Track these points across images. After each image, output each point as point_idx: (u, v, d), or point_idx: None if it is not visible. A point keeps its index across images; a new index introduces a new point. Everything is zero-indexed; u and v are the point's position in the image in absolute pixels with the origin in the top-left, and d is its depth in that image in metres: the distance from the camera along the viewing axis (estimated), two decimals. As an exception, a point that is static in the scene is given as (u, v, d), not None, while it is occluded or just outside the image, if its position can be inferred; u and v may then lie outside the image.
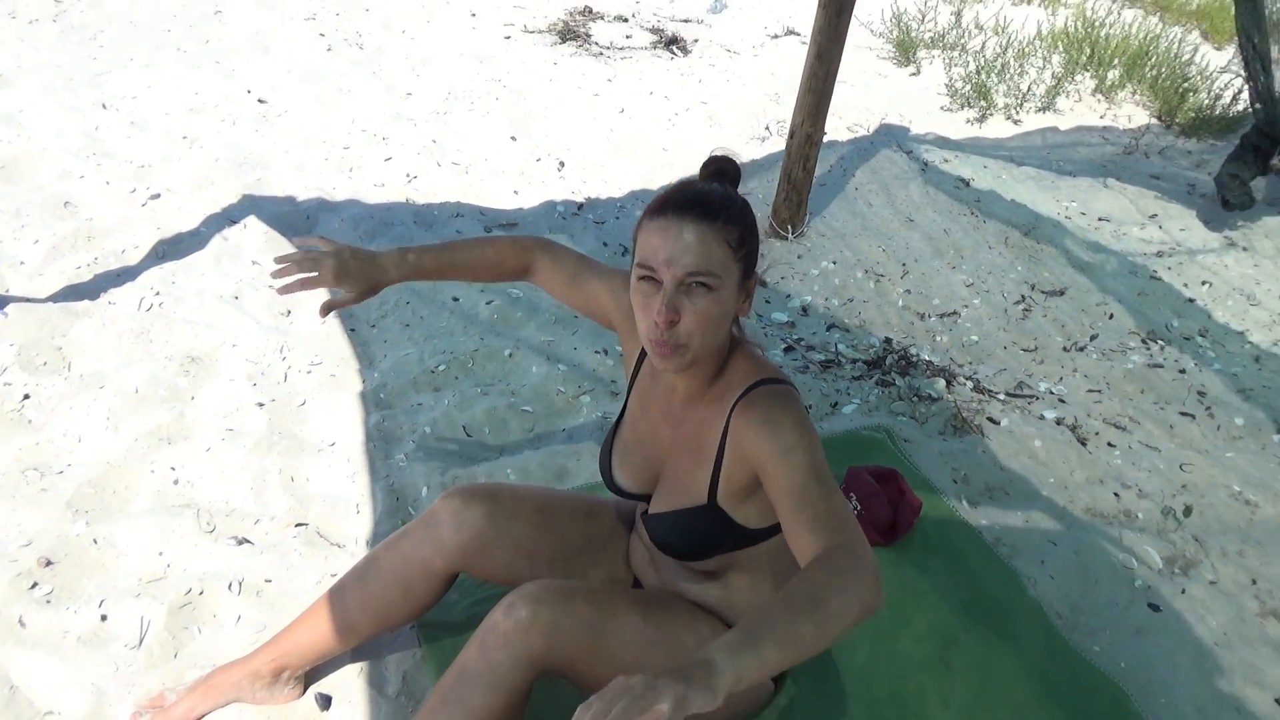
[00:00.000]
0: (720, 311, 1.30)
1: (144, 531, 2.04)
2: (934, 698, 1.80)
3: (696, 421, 1.45)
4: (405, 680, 1.77)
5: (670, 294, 1.26)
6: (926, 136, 4.72)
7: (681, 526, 1.47)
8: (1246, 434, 2.75)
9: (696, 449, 1.44)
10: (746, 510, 1.43)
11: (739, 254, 1.30)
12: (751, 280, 1.36)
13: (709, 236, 1.26)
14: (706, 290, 1.27)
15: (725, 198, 1.32)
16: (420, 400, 2.56)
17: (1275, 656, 2.01)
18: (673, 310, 1.26)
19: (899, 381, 2.82)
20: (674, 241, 1.25)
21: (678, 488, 1.47)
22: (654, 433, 1.53)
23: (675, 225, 1.26)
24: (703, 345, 1.31)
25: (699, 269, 1.25)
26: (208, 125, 4.07)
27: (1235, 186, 4.00)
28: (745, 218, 1.33)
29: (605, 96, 4.90)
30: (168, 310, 2.80)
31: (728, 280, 1.29)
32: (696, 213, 1.26)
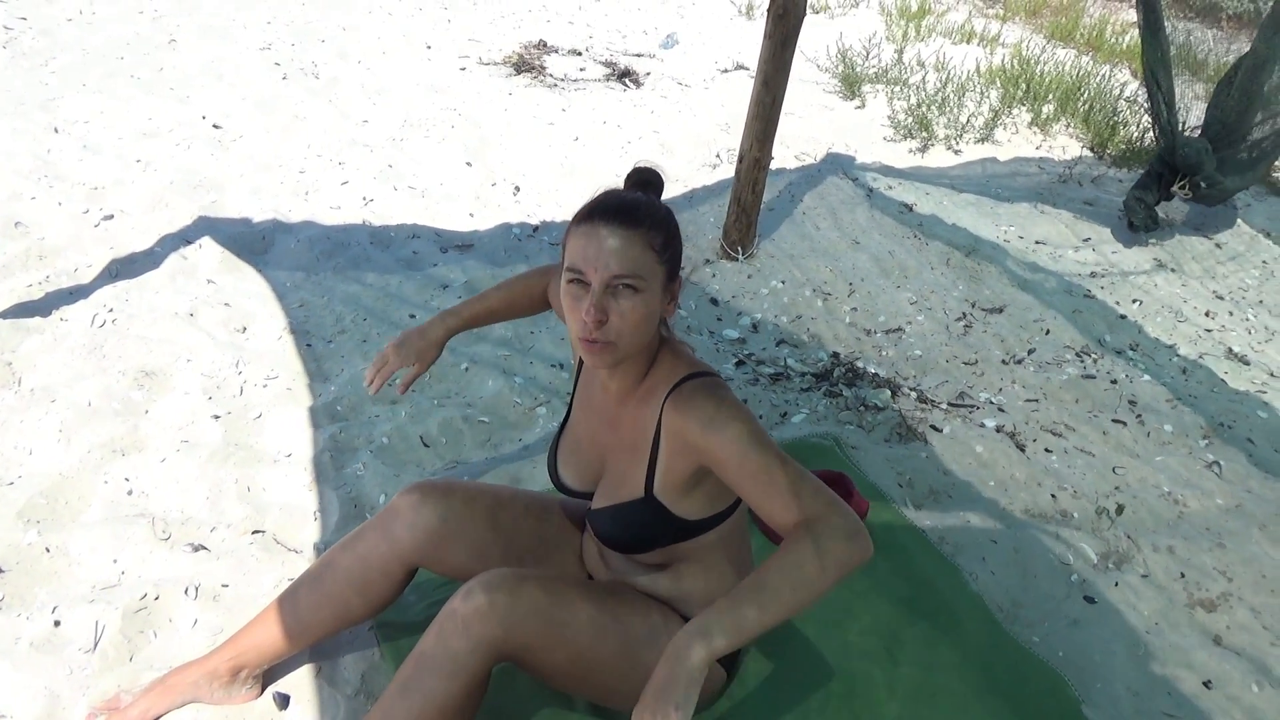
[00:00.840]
0: (646, 312, 1.37)
1: (97, 540, 2.03)
2: (880, 688, 1.86)
3: (631, 419, 1.51)
4: (364, 679, 1.79)
5: (598, 295, 1.34)
6: (871, 165, 4.88)
7: (620, 520, 1.52)
8: (1175, 439, 2.88)
9: (632, 445, 1.50)
10: (686, 503, 1.49)
11: (663, 257, 1.38)
12: (676, 283, 1.44)
13: (633, 241, 1.34)
14: (633, 292, 1.35)
15: (649, 205, 1.40)
16: (376, 412, 2.58)
17: (1203, 642, 2.11)
18: (600, 311, 1.34)
19: (846, 392, 2.91)
20: (601, 246, 1.33)
21: (617, 483, 1.53)
22: (595, 432, 1.59)
23: (602, 230, 1.34)
24: (630, 344, 1.39)
25: (624, 271, 1.33)
26: (161, 149, 4.08)
27: (1140, 210, 4.23)
28: (668, 224, 1.41)
29: (559, 125, 4.99)
30: (121, 326, 2.80)
31: (652, 282, 1.37)
32: (621, 219, 1.34)
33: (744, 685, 1.82)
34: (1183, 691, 1.97)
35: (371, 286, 3.24)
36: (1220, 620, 2.18)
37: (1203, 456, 2.80)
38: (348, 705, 1.73)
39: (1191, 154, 4.11)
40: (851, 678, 1.87)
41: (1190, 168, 4.15)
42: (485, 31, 6.49)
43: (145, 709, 1.65)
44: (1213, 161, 4.14)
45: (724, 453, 1.34)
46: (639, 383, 1.50)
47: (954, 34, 7.44)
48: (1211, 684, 1.98)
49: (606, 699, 1.60)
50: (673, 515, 1.49)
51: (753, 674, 1.84)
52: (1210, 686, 1.98)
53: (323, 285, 3.21)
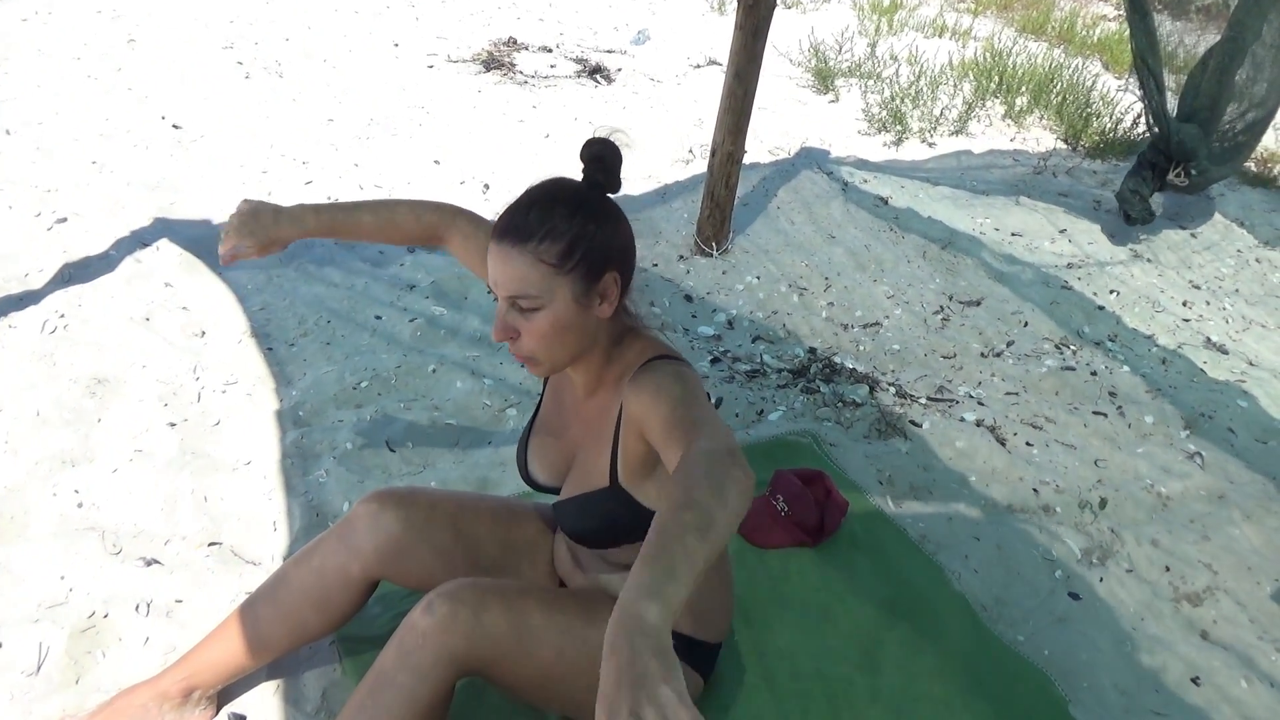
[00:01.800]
0: (555, 326, 1.32)
1: (44, 556, 1.94)
2: (862, 691, 1.80)
3: (597, 410, 1.47)
4: (325, 697, 1.71)
5: (503, 312, 1.33)
6: (846, 159, 4.84)
7: (585, 510, 1.46)
8: (1156, 430, 2.85)
9: (598, 435, 1.45)
10: (648, 489, 1.43)
11: (564, 268, 1.30)
12: (602, 282, 1.34)
13: (523, 260, 1.29)
14: (532, 310, 1.31)
15: (545, 214, 1.30)
16: (341, 417, 2.50)
17: (1190, 636, 2.07)
18: (507, 329, 1.32)
19: (823, 389, 2.85)
20: (495, 267, 1.31)
21: (583, 474, 1.47)
22: (565, 426, 1.53)
23: (496, 251, 1.31)
24: (551, 356, 1.35)
25: (515, 292, 1.30)
26: (119, 150, 3.96)
27: (1136, 202, 4.18)
28: (572, 229, 1.30)
29: (530, 123, 4.91)
30: (73, 332, 2.70)
31: (555, 295, 1.31)
32: (511, 237, 1.30)
33: (720, 693, 1.75)
34: (1171, 688, 1.92)
35: (336, 287, 3.15)
36: (1206, 614, 2.14)
37: (1184, 447, 2.77)
38: (308, 724, 1.65)
39: (1188, 140, 4.05)
40: (832, 683, 1.81)
41: (1186, 154, 4.08)
42: (454, 29, 6.40)
43: (92, 734, 1.56)
44: (1206, 147, 4.09)
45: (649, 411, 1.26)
46: (604, 375, 1.46)
47: (926, 28, 7.42)
48: (1200, 679, 1.94)
49: (578, 712, 1.53)
50: (638, 505, 1.42)
51: (729, 681, 1.78)
52: (1199, 682, 1.94)
53: (285, 287, 3.12)
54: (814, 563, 2.11)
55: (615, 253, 1.36)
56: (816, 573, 2.08)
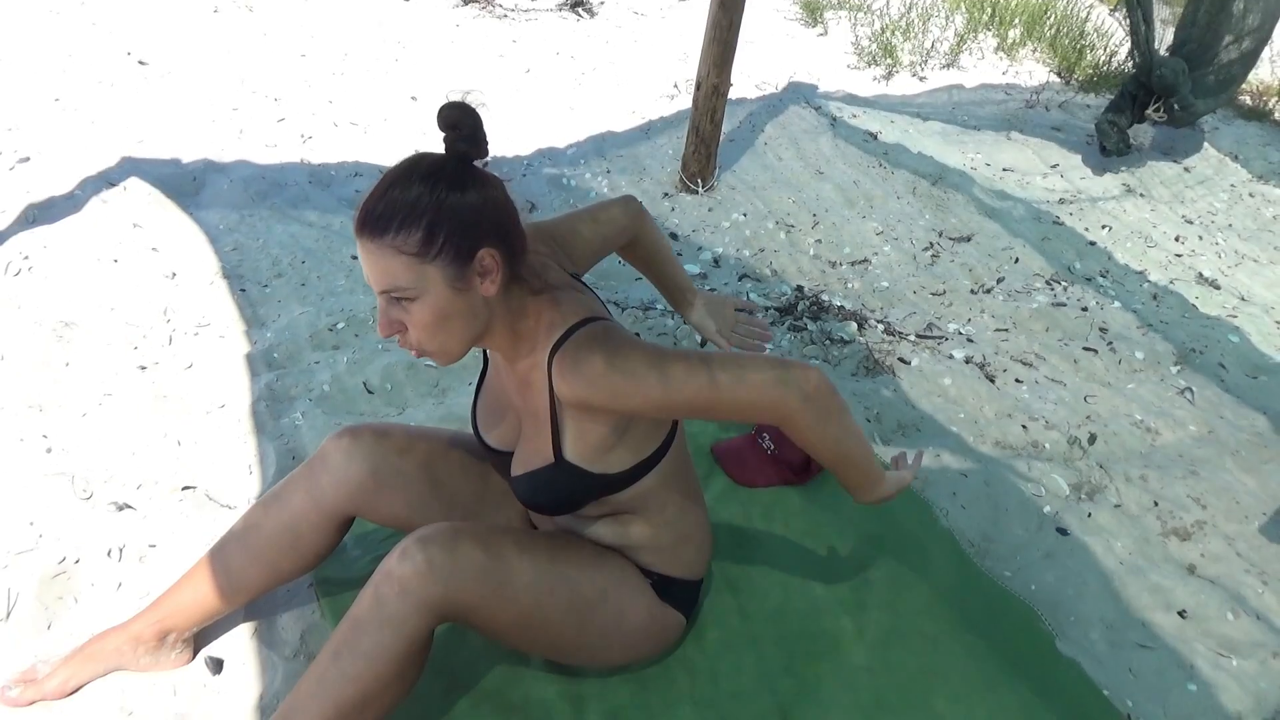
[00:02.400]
0: (435, 315, 1.23)
1: (11, 502, 1.88)
2: (848, 628, 1.78)
3: (525, 383, 1.39)
4: (303, 639, 1.67)
5: (383, 309, 1.25)
6: (835, 93, 4.73)
7: (538, 486, 1.41)
8: (1146, 366, 2.82)
9: (534, 412, 1.39)
10: (608, 459, 1.37)
11: (429, 254, 1.20)
12: (476, 262, 1.24)
13: (383, 254, 1.20)
14: (408, 302, 1.23)
15: (397, 202, 1.20)
16: (316, 359, 2.44)
17: (1177, 573, 2.05)
18: (390, 325, 1.26)
19: (811, 326, 2.80)
20: (363, 262, 1.24)
21: (528, 449, 1.42)
22: (506, 392, 1.47)
23: (361, 248, 1.23)
24: (442, 346, 1.28)
25: (385, 287, 1.23)
26: (83, 87, 3.82)
27: (1113, 134, 4.11)
28: (428, 212, 1.20)
29: (510, 57, 4.77)
30: (39, 275, 2.61)
31: (426, 284, 1.21)
32: (368, 231, 1.21)
33: (706, 633, 1.73)
34: (1157, 622, 1.91)
35: (311, 227, 3.07)
36: (1194, 549, 2.13)
37: (1174, 383, 2.74)
38: (286, 667, 1.61)
39: (1169, 74, 3.99)
40: (819, 620, 1.79)
41: (1167, 88, 4.02)
42: (431, -39, 6.18)
43: (65, 680, 1.53)
44: (1188, 83, 4.03)
45: (647, 400, 1.24)
46: (518, 348, 1.36)
47: (918, -41, 7.23)
48: (1186, 614, 1.93)
49: (561, 655, 1.51)
50: (592, 474, 1.37)
51: (715, 620, 1.76)
52: (1185, 616, 1.93)
53: (258, 227, 3.03)
54: (800, 501, 2.08)
55: (487, 226, 1.24)
56: (803, 511, 2.05)
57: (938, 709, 1.64)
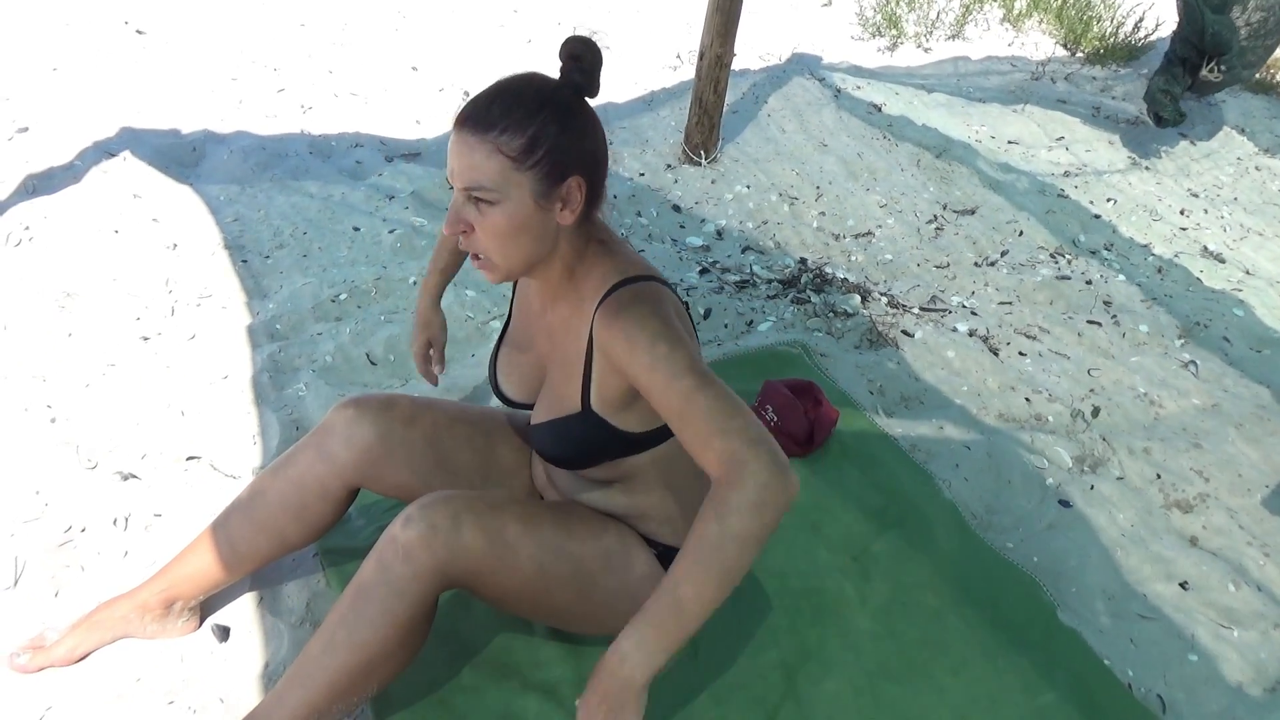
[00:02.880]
0: (511, 224, 1.23)
1: (17, 472, 1.89)
2: (852, 600, 1.79)
3: (562, 329, 1.38)
4: (309, 608, 1.68)
5: (457, 205, 1.24)
6: (839, 64, 4.69)
7: (561, 436, 1.40)
8: (1150, 339, 2.81)
9: (566, 357, 1.38)
10: (627, 416, 1.37)
11: (525, 163, 1.20)
12: (564, 186, 1.24)
13: (481, 149, 1.19)
14: (487, 205, 1.22)
15: (512, 103, 1.20)
16: (319, 330, 2.43)
17: (1179, 544, 2.06)
18: (457, 222, 1.24)
19: (814, 299, 2.80)
20: (453, 155, 1.22)
21: (554, 396, 1.41)
22: (533, 340, 1.46)
23: (455, 139, 1.22)
24: (505, 257, 1.26)
25: (471, 184, 1.21)
26: (80, 56, 3.79)
27: (1167, 102, 4.00)
28: (535, 125, 1.20)
29: (511, 28, 4.73)
30: (40, 245, 2.60)
31: (512, 192, 1.21)
32: (471, 124, 1.20)
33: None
34: (1159, 593, 1.92)
35: (312, 198, 3.05)
36: (1196, 521, 2.13)
37: (1179, 356, 2.73)
38: (292, 635, 1.62)
39: (1223, 31, 3.84)
40: (822, 590, 1.80)
41: (1221, 46, 3.86)
42: (431, -71, 6.11)
43: (73, 646, 1.54)
44: (1239, 40, 3.89)
45: (647, 380, 1.23)
46: (565, 289, 1.36)
47: (923, -71, 7.14)
48: (1188, 585, 1.94)
49: (564, 623, 1.52)
50: (615, 429, 1.37)
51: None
52: (1186, 588, 1.94)
53: (258, 198, 3.01)
54: (804, 473, 2.08)
55: (584, 157, 1.26)
56: (806, 483, 2.06)
57: (939, 679, 1.65)
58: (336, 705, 1.32)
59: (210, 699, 1.51)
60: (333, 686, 1.31)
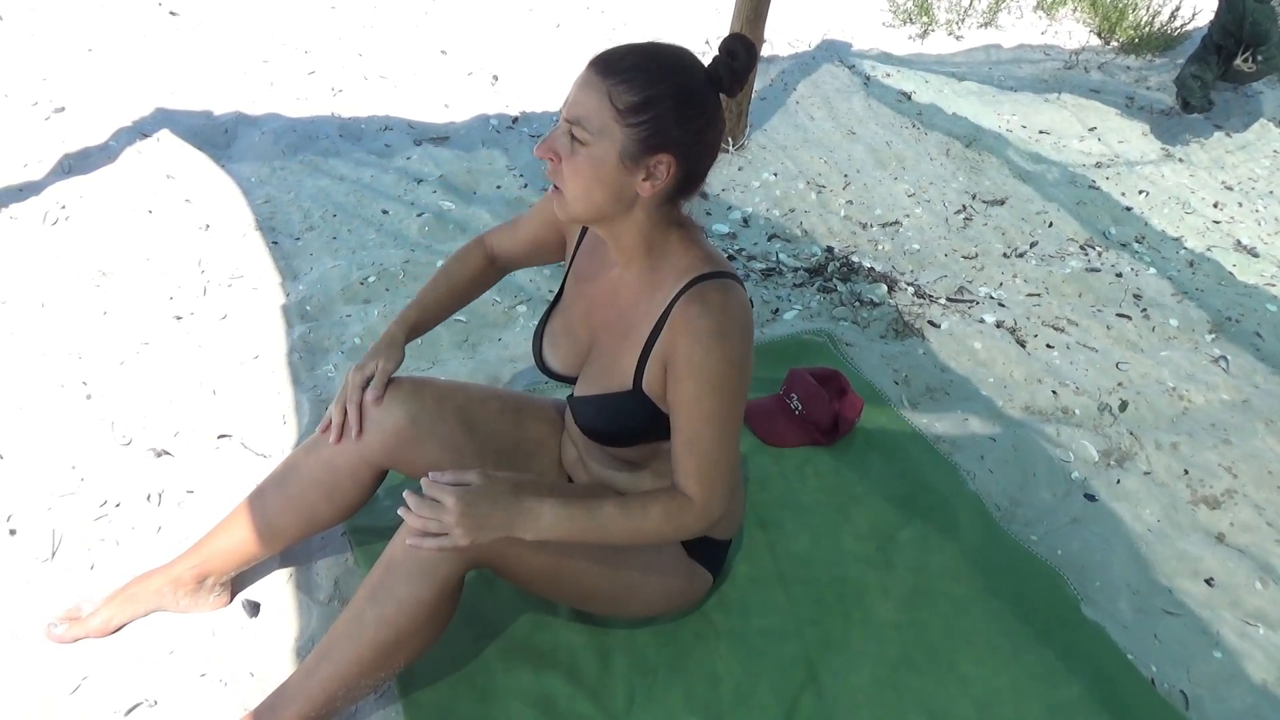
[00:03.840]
0: (590, 170, 1.24)
1: (54, 446, 1.93)
2: (875, 589, 1.80)
3: (632, 303, 1.39)
4: (337, 585, 1.71)
5: (556, 131, 1.26)
6: (869, 52, 4.65)
7: (606, 410, 1.41)
8: (1180, 334, 2.78)
9: (627, 331, 1.38)
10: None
11: (627, 120, 1.20)
12: (655, 159, 1.24)
13: (596, 89, 1.21)
14: (577, 143, 1.24)
15: (647, 63, 1.21)
16: (348, 312, 2.46)
17: (1206, 540, 2.05)
18: (548, 149, 1.26)
19: (840, 288, 2.79)
20: (575, 86, 1.25)
21: (603, 370, 1.41)
22: (587, 313, 1.46)
23: (582, 75, 1.25)
24: (575, 199, 1.27)
25: (574, 116, 1.23)
26: (115, 37, 3.83)
27: (1197, 88, 3.97)
28: (654, 89, 1.20)
29: (540, 11, 4.72)
30: (75, 224, 2.64)
31: (603, 140, 1.22)
32: (599, 66, 1.23)
33: (734, 587, 1.75)
34: (1184, 589, 1.91)
35: (342, 180, 3.07)
36: (1223, 518, 2.12)
37: (1209, 351, 2.71)
38: (320, 612, 1.65)
39: (1263, 21, 3.79)
40: (845, 580, 1.81)
41: (1259, 36, 3.82)
42: (461, -88, 6.11)
43: (107, 618, 1.57)
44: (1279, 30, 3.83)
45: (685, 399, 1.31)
46: (646, 264, 1.37)
47: (957, -86, 7.05)
48: (1213, 581, 1.93)
49: (587, 604, 1.53)
50: (659, 411, 1.38)
51: (743, 576, 1.78)
52: (1212, 584, 1.93)
53: (289, 180, 3.04)
54: (828, 462, 2.09)
55: (687, 141, 1.24)
56: (830, 472, 2.06)
57: (962, 669, 1.66)
58: (363, 680, 1.35)
59: (240, 672, 1.54)
60: (360, 662, 1.33)
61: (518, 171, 3.24)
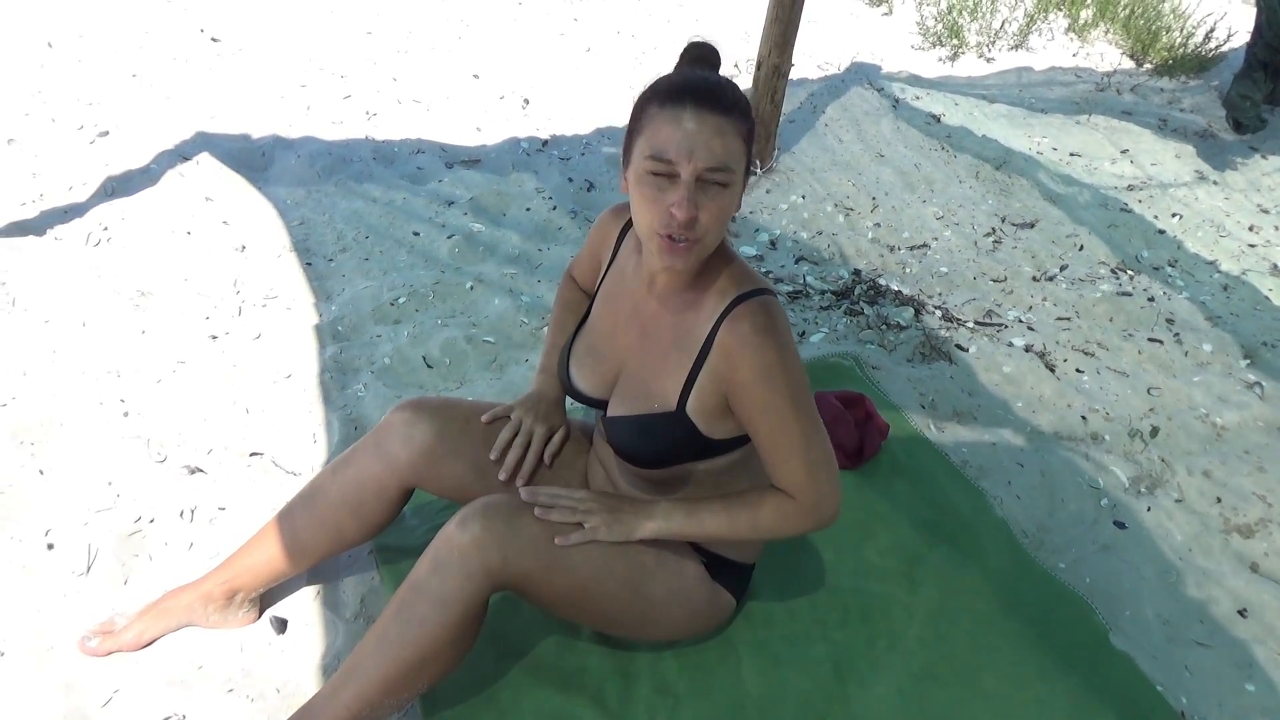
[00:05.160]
0: (731, 207, 1.26)
1: (92, 462, 1.98)
2: (900, 609, 1.79)
3: (673, 324, 1.39)
4: (363, 603, 1.73)
5: (691, 188, 1.20)
6: (898, 74, 4.66)
7: (645, 431, 1.41)
8: (1214, 359, 2.75)
9: (668, 352, 1.39)
10: (716, 424, 1.39)
11: (747, 148, 1.25)
12: (749, 175, 1.31)
13: (727, 130, 1.20)
14: (721, 188, 1.22)
15: (734, 88, 1.25)
16: (379, 332, 2.50)
17: (1238, 569, 2.01)
18: (694, 206, 1.20)
19: (867, 311, 2.79)
20: (695, 133, 1.19)
21: (643, 391, 1.42)
22: (617, 335, 1.47)
23: (696, 117, 1.19)
24: (712, 243, 1.28)
25: (719, 164, 1.20)
26: (158, 63, 3.94)
27: (1248, 108, 3.93)
28: (749, 110, 1.27)
29: (571, 36, 4.79)
30: (117, 245, 2.71)
31: (739, 175, 1.24)
32: (714, 104, 1.20)
33: (759, 606, 1.75)
34: (1216, 619, 1.88)
35: (375, 203, 3.13)
36: (1258, 546, 2.08)
37: (1243, 377, 2.67)
38: (346, 629, 1.67)
39: None
40: (870, 598, 1.80)
41: None
42: (495, -62, 6.21)
43: (140, 632, 1.61)
44: None
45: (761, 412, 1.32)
46: (690, 284, 1.37)
47: (988, -64, 7.05)
48: (1247, 612, 1.90)
49: (611, 627, 1.54)
50: (700, 434, 1.39)
51: (768, 594, 1.77)
52: (1245, 615, 1.89)
53: (324, 203, 3.10)
54: (854, 486, 2.08)
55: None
56: (856, 496, 2.05)
57: (986, 686, 1.64)
58: (388, 700, 1.36)
59: (268, 688, 1.56)
60: (385, 681, 1.35)
61: (547, 194, 3.28)
